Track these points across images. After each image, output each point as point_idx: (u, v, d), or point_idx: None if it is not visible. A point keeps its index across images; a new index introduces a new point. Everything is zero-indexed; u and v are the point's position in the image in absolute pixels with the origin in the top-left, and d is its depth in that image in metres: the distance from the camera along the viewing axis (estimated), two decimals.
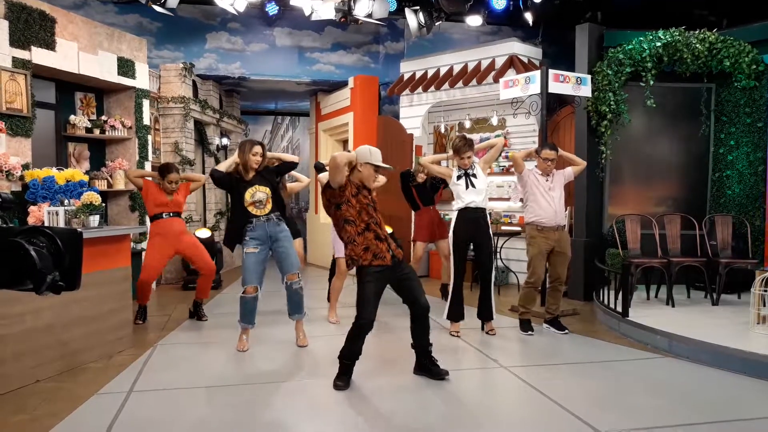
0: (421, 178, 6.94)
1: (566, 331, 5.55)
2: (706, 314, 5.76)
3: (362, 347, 4.08)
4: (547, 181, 5.50)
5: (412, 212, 7.33)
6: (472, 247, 5.50)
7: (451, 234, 5.40)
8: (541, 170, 5.52)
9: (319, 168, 6.19)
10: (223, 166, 4.87)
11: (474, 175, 5.32)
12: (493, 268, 5.50)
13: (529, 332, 5.49)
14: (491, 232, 5.47)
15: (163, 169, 5.87)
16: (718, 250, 6.47)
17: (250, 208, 4.77)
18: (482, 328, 5.58)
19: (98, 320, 4.68)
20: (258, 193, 4.78)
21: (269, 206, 4.83)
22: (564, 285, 5.76)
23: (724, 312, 5.83)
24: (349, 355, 4.06)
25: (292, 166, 5.08)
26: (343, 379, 4.05)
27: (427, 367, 4.20)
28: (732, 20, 7.63)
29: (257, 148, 4.81)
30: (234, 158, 4.88)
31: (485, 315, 5.51)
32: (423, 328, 4.17)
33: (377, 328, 5.68)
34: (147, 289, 5.92)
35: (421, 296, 4.10)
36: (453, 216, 5.41)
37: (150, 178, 6.07)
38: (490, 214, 6.04)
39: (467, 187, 5.29)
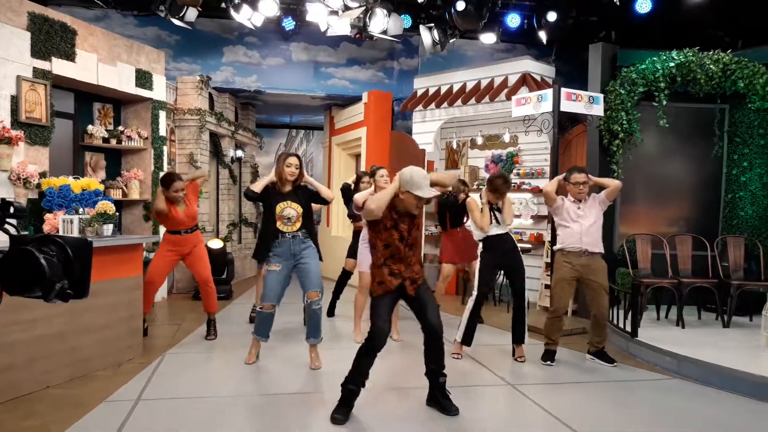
0: (461, 197, 6.56)
1: (615, 364, 5.11)
2: (716, 336, 5.70)
3: (368, 372, 3.85)
4: (579, 208, 5.16)
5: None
6: (502, 271, 5.46)
7: (479, 258, 5.35)
8: (573, 196, 5.19)
9: (345, 190, 6.15)
10: (258, 186, 4.78)
11: (499, 210, 5.29)
12: (526, 292, 5.32)
13: (549, 362, 5.15)
14: (521, 254, 5.36)
15: (165, 180, 5.52)
16: (730, 271, 6.42)
17: (278, 223, 4.71)
18: (513, 354, 5.36)
19: (108, 328, 4.73)
20: (288, 209, 4.71)
21: (298, 224, 4.74)
22: (605, 317, 5.22)
23: (735, 334, 5.77)
24: (353, 378, 3.82)
25: (325, 202, 4.94)
26: (341, 412, 3.77)
27: (437, 399, 3.97)
28: (747, 41, 7.62)
29: (291, 160, 4.74)
30: (269, 177, 4.80)
31: (517, 337, 5.32)
32: (433, 352, 3.95)
33: (395, 348, 5.70)
34: (149, 294, 5.64)
35: (431, 315, 3.90)
36: (480, 244, 5.38)
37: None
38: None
39: (491, 221, 5.27)
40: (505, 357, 5.36)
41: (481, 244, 5.37)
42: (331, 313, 7.02)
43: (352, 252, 6.48)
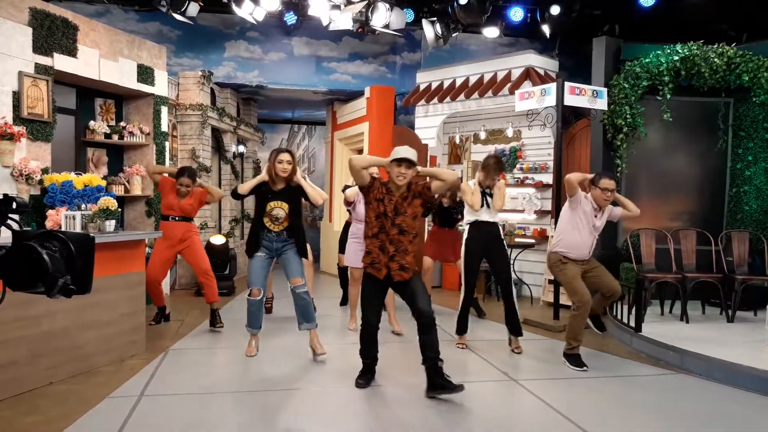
0: (445, 202, 6.69)
1: (605, 331, 5.51)
2: (720, 331, 5.68)
3: (377, 348, 4.26)
4: (596, 217, 4.95)
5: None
6: (486, 261, 5.45)
7: (463, 247, 5.36)
8: (597, 202, 4.93)
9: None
10: (245, 188, 4.85)
11: (491, 195, 5.28)
12: (512, 280, 5.31)
13: (584, 368, 4.79)
14: (505, 244, 5.39)
15: (179, 172, 5.97)
16: (735, 266, 6.40)
17: (265, 220, 4.80)
18: (509, 343, 5.40)
19: (112, 324, 4.73)
20: (277, 209, 4.77)
21: (285, 224, 4.82)
22: (619, 293, 5.19)
23: (740, 329, 5.75)
24: (364, 353, 4.26)
25: (313, 205, 5.01)
26: (364, 378, 4.26)
27: (440, 384, 3.98)
28: (752, 35, 7.58)
29: (283, 156, 4.75)
30: (260, 177, 4.85)
31: (513, 330, 5.31)
32: (428, 340, 4.00)
33: (394, 341, 5.70)
34: (153, 289, 5.93)
35: (421, 302, 4.01)
36: (465, 230, 5.38)
37: (167, 175, 6.13)
38: (503, 226, 5.98)
39: (482, 205, 5.26)
40: (507, 352, 5.34)
41: (466, 231, 5.34)
42: (344, 302, 7.40)
43: (343, 246, 6.62)
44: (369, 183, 4.13)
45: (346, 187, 6.23)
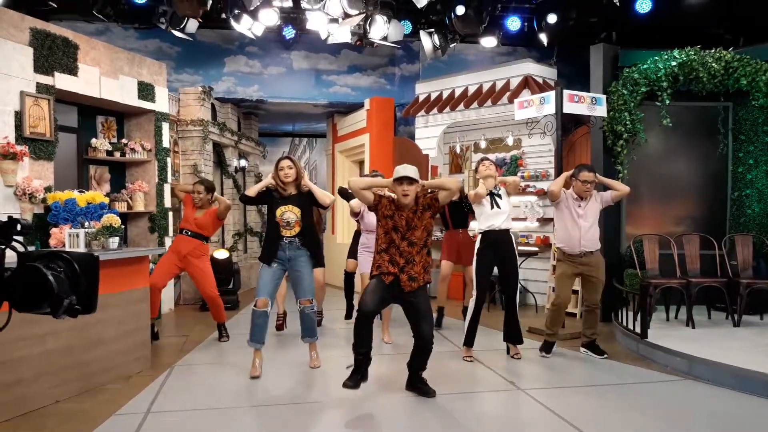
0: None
1: (605, 355, 5.35)
2: (727, 336, 5.66)
3: (371, 342, 4.09)
4: (579, 207, 5.31)
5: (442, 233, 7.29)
6: (497, 268, 5.42)
7: (475, 257, 5.31)
8: (578, 194, 5.32)
9: (342, 192, 6.25)
10: (252, 191, 4.90)
11: (499, 196, 5.27)
12: (518, 290, 5.39)
13: (545, 354, 5.41)
14: (517, 253, 5.40)
15: (196, 183, 6.27)
16: (739, 270, 6.37)
17: (279, 226, 4.83)
18: (507, 352, 5.46)
19: (117, 341, 4.72)
20: (287, 213, 4.80)
21: (297, 229, 4.83)
22: (599, 308, 5.48)
23: (746, 333, 5.73)
24: (357, 345, 4.07)
25: (321, 206, 5.03)
26: (353, 379, 4.08)
27: (416, 385, 4.32)
28: (748, 39, 7.61)
29: (283, 163, 4.84)
30: (266, 181, 4.89)
31: (513, 338, 5.38)
32: (420, 358, 4.24)
33: (386, 351, 5.69)
34: (152, 295, 5.68)
35: (423, 325, 4.11)
36: (477, 239, 5.35)
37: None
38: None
39: (492, 207, 5.23)
40: (514, 361, 5.32)
41: (478, 240, 5.31)
42: (349, 316, 7.24)
43: (352, 253, 6.66)
44: (376, 201, 4.19)
45: (342, 189, 6.23)
